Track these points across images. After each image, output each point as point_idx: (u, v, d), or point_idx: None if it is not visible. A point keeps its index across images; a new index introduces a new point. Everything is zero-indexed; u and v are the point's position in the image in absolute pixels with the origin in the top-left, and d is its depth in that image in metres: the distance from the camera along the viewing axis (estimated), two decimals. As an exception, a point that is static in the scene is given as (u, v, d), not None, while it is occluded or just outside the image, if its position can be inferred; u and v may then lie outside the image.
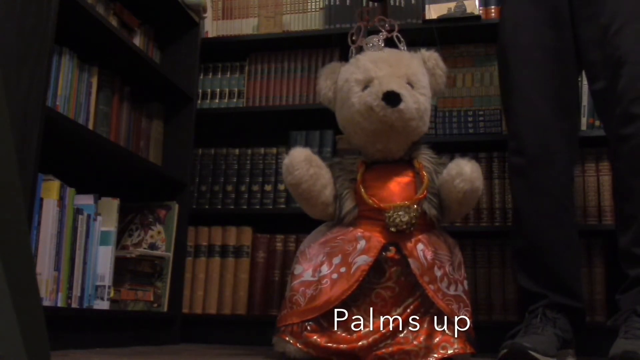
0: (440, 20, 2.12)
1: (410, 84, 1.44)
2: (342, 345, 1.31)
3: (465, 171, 1.37)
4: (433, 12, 2.14)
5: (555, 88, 1.57)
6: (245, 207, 2.20)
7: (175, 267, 2.02)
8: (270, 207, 2.19)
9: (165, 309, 1.97)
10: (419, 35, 2.10)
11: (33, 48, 1.41)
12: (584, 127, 1.98)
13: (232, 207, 2.21)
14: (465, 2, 2.13)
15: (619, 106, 1.43)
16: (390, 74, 1.42)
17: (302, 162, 1.41)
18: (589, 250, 1.97)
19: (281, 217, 2.20)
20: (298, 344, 1.33)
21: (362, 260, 1.33)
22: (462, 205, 1.43)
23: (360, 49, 1.55)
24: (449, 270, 1.37)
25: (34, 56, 1.41)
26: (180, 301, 2.07)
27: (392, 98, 1.37)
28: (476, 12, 2.11)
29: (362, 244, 1.36)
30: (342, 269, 1.34)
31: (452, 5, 2.13)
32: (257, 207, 2.20)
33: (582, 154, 2.01)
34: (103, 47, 1.79)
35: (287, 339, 1.34)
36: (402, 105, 1.38)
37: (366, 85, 1.43)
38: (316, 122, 2.22)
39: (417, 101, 1.43)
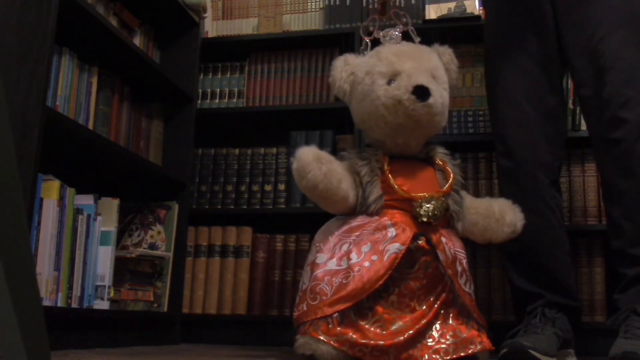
0: (440, 20, 2.12)
1: (433, 78, 1.44)
2: (380, 342, 1.25)
3: (517, 227, 1.46)
4: (433, 12, 2.14)
5: (540, 93, 1.60)
6: (245, 207, 2.21)
7: (175, 267, 2.02)
8: (270, 207, 2.19)
9: (165, 309, 1.97)
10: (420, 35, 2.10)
11: (33, 48, 1.41)
12: (583, 127, 1.98)
13: (232, 207, 2.21)
14: (465, 2, 2.13)
15: (607, 111, 1.45)
16: (416, 67, 1.41)
17: (312, 162, 1.34)
18: (589, 250, 1.97)
19: (281, 217, 2.20)
20: (332, 342, 1.25)
21: (395, 248, 1.30)
22: (490, 242, 1.50)
23: (375, 42, 1.55)
24: (466, 267, 1.38)
25: (34, 56, 1.41)
26: (180, 301, 2.07)
27: (422, 92, 1.36)
28: (476, 12, 2.11)
29: (392, 232, 1.33)
30: (374, 257, 1.30)
31: (452, 5, 2.13)
32: (257, 207, 2.20)
33: (582, 154, 2.01)
34: (103, 47, 1.79)
35: (320, 337, 1.26)
36: (431, 100, 1.37)
37: (391, 78, 1.41)
38: (316, 122, 2.23)
39: (442, 96, 1.42)
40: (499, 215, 1.44)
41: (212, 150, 2.28)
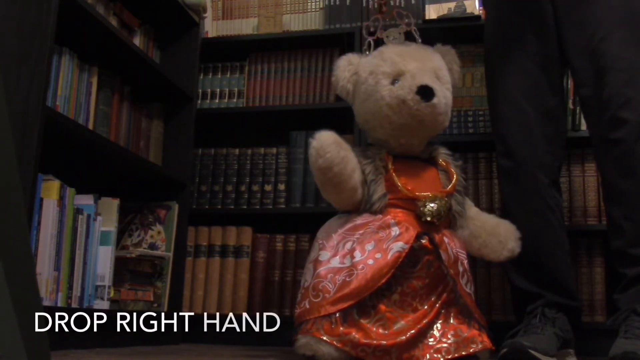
0: (440, 20, 2.12)
1: (437, 78, 1.44)
2: (382, 342, 1.25)
3: (514, 253, 1.47)
4: (433, 12, 2.14)
5: (540, 93, 1.60)
6: (245, 207, 2.21)
7: (175, 267, 2.02)
8: (270, 207, 2.19)
9: (165, 309, 1.97)
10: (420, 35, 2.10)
11: (33, 48, 1.41)
12: (583, 127, 1.98)
13: (232, 207, 2.21)
14: (465, 2, 2.13)
15: (607, 111, 1.45)
16: (420, 67, 1.41)
17: (332, 144, 1.34)
18: (589, 250, 1.97)
19: (281, 217, 2.20)
20: (335, 342, 1.24)
21: (399, 247, 1.30)
22: (482, 257, 1.51)
23: (378, 41, 1.55)
24: (467, 267, 1.38)
25: (34, 56, 1.41)
26: (180, 301, 2.07)
27: (426, 92, 1.36)
28: (476, 12, 2.11)
29: (395, 230, 1.33)
30: (378, 255, 1.30)
31: (452, 5, 2.13)
32: (257, 207, 2.20)
33: (582, 154, 2.01)
34: (103, 47, 1.79)
35: (323, 337, 1.25)
36: (435, 100, 1.37)
37: (395, 78, 1.41)
38: (316, 122, 2.21)
39: (445, 96, 1.43)
40: (504, 238, 1.45)
41: (212, 150, 2.28)
